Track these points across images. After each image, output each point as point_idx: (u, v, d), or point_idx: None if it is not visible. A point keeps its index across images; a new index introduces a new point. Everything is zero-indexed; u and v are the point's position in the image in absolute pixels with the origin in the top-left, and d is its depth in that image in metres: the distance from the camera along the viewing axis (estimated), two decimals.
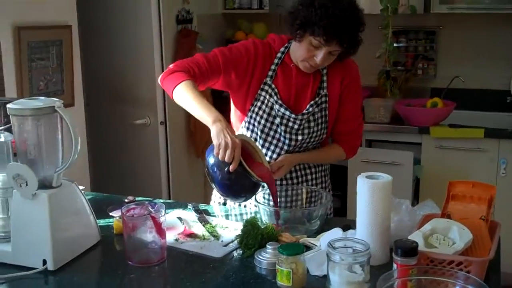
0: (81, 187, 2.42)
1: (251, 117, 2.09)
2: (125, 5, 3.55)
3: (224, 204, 2.24)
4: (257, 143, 2.04)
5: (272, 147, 2.09)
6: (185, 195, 3.72)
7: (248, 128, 2.11)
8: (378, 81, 4.01)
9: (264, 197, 1.98)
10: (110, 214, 2.03)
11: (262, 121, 2.06)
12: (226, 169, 1.79)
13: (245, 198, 1.93)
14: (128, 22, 3.55)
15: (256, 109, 2.07)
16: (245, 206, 2.16)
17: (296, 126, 2.05)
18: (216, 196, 2.26)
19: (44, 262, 1.62)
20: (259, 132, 2.08)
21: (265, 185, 1.93)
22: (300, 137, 2.06)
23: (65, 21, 2.77)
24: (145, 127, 3.59)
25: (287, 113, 2.04)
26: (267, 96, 2.05)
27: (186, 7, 3.86)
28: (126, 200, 2.14)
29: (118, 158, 3.80)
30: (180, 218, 2.01)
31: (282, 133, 2.05)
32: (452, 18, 4.04)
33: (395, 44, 4.13)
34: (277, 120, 2.05)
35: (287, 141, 2.06)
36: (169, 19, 3.67)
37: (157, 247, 1.70)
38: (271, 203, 1.92)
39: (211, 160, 1.84)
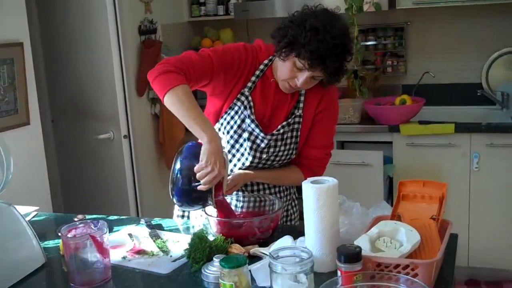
0: (34, 208, 2.38)
1: (222, 124, 2.01)
2: (84, 19, 3.49)
3: (188, 217, 2.18)
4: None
5: (235, 160, 2.02)
6: (154, 210, 3.65)
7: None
8: (347, 81, 3.96)
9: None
10: (59, 234, 1.96)
11: (231, 132, 1.99)
12: (193, 183, 1.74)
13: (202, 206, 1.86)
14: (88, 36, 3.49)
15: (229, 118, 1.99)
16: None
17: (262, 145, 1.97)
18: (178, 210, 2.20)
19: None
20: (227, 145, 2.01)
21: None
22: (264, 156, 1.99)
23: (16, 39, 2.70)
24: (109, 142, 3.53)
25: (257, 130, 1.96)
26: (242, 108, 1.97)
27: (149, 17, 3.80)
28: (75, 219, 2.07)
29: (86, 174, 3.74)
30: (130, 235, 1.95)
31: (247, 149, 1.98)
32: (420, 13, 4.00)
33: (364, 43, 4.10)
34: (245, 135, 1.97)
35: (250, 158, 1.99)
36: (131, 30, 3.61)
37: (101, 267, 1.64)
38: None
39: (181, 164, 1.78)
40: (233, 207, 1.95)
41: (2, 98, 2.60)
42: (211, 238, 1.76)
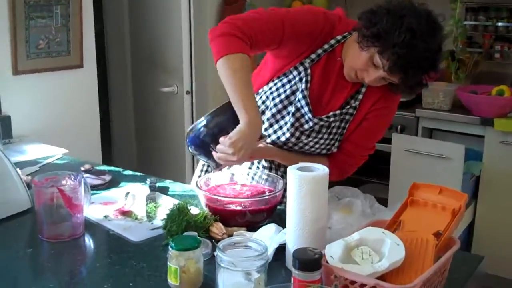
0: (62, 150, 2.34)
1: (270, 88, 1.79)
2: None
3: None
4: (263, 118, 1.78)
5: (270, 131, 1.78)
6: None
7: (263, 102, 1.80)
8: (445, 62, 3.54)
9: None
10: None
11: (277, 100, 1.75)
12: (211, 144, 1.60)
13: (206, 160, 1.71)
14: None
15: (279, 84, 1.77)
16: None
17: (306, 126, 1.74)
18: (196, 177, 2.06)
19: None
20: (268, 112, 1.78)
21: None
22: (303, 138, 1.75)
23: None
24: (173, 96, 3.44)
25: (306, 109, 1.72)
26: (297, 78, 1.74)
27: None
28: (82, 168, 2.00)
29: (152, 127, 3.71)
30: (127, 193, 1.83)
31: (288, 124, 1.74)
32: None
33: (472, 22, 3.63)
34: (291, 108, 1.74)
35: (288, 134, 1.75)
36: None
37: (69, 223, 1.54)
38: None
39: (215, 115, 1.62)
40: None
41: (53, 38, 2.56)
42: (196, 211, 1.59)
